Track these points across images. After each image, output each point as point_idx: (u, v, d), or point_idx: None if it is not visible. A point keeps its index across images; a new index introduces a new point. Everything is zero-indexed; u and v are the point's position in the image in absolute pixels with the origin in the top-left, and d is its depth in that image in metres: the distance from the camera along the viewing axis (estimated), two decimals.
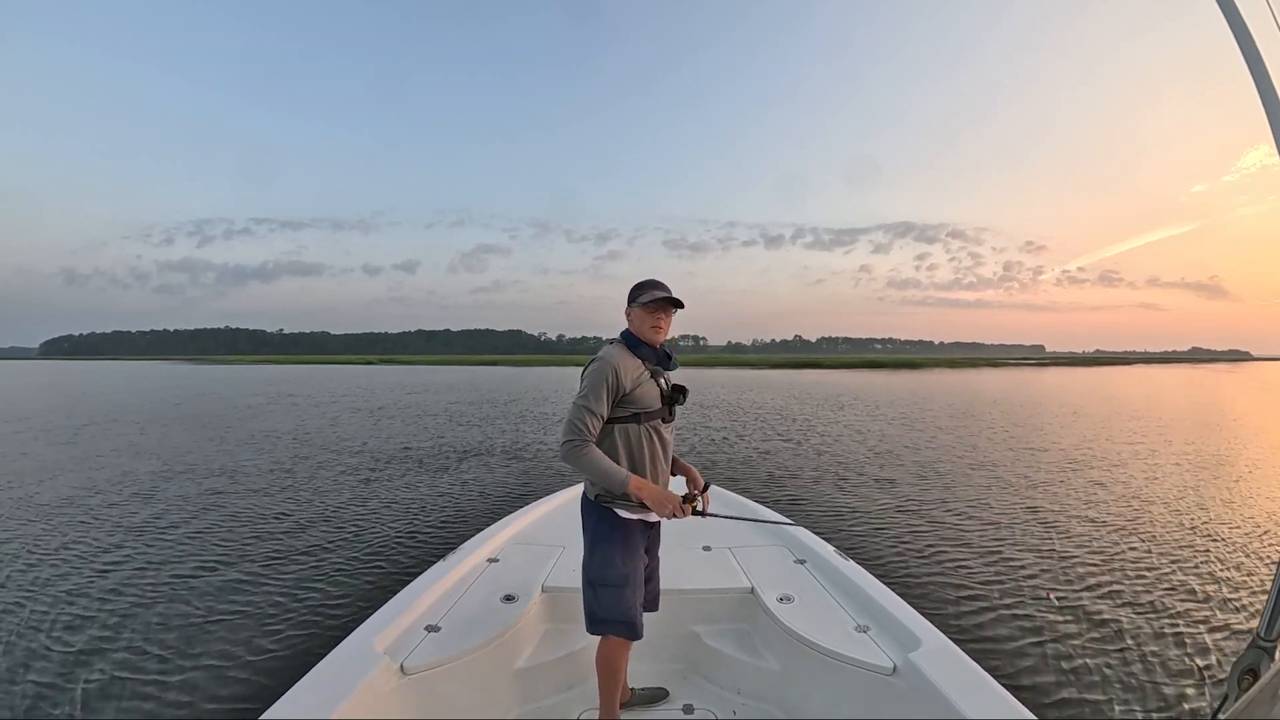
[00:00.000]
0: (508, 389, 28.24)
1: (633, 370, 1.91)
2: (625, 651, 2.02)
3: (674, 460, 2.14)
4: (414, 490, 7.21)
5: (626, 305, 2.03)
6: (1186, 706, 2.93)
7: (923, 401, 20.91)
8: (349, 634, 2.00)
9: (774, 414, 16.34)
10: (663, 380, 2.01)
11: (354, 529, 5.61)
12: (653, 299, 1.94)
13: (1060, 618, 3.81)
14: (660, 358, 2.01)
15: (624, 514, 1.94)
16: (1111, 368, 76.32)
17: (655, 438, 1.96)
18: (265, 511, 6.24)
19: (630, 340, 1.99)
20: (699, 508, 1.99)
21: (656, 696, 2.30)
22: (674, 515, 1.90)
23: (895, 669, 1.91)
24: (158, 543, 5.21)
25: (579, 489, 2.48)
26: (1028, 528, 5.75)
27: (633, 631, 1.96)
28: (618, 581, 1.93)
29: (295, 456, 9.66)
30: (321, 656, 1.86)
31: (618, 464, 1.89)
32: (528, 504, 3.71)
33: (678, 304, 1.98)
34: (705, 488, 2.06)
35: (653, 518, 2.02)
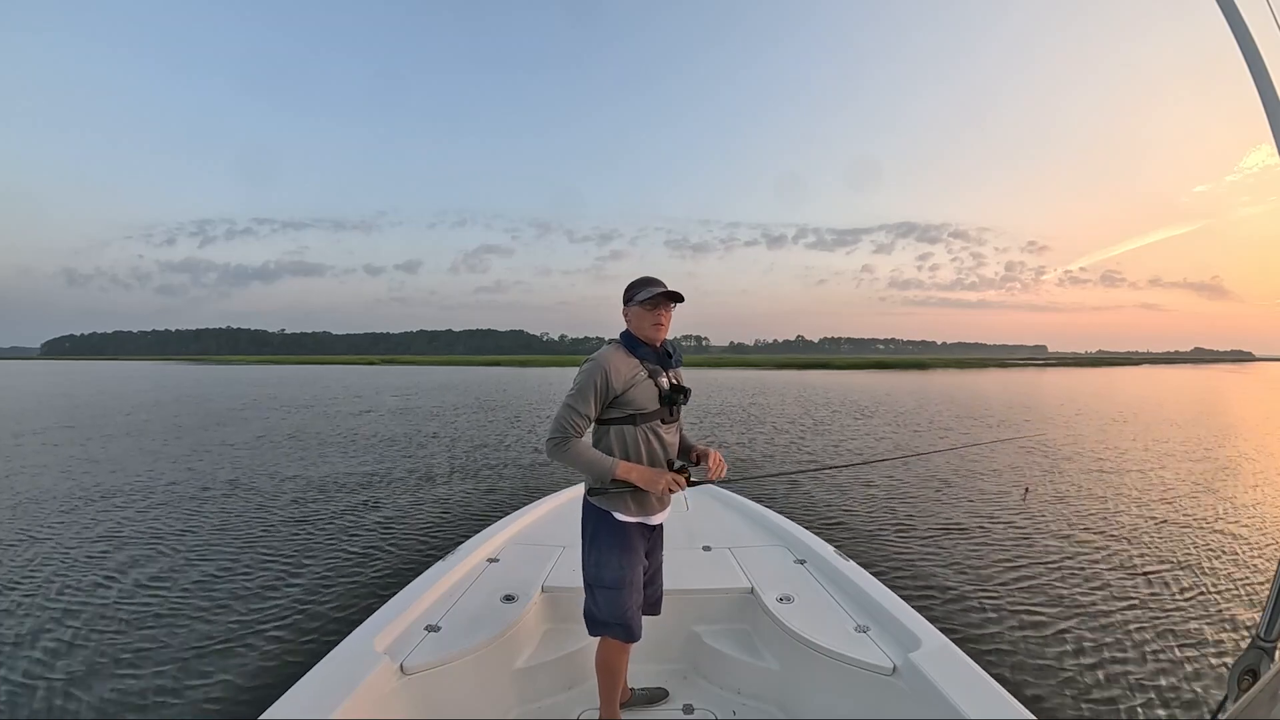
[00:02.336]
0: (508, 389, 28.25)
1: (626, 372, 1.88)
2: (624, 653, 2.02)
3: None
4: (414, 490, 7.22)
5: (623, 306, 2.00)
6: (1186, 707, 2.92)
7: (954, 406, 19.47)
8: (349, 634, 2.00)
9: (792, 425, 13.95)
10: (663, 380, 1.96)
11: (354, 529, 5.62)
12: (650, 295, 1.90)
13: (1061, 618, 3.81)
14: (660, 356, 1.97)
15: (622, 517, 1.93)
16: (1116, 369, 76.01)
17: (654, 438, 1.94)
18: (265, 511, 6.25)
19: (629, 341, 1.96)
20: (694, 478, 1.96)
21: (656, 696, 2.30)
22: (670, 489, 1.90)
23: (895, 669, 1.91)
24: (157, 543, 5.22)
25: (579, 489, 2.48)
26: (1028, 528, 5.74)
27: (629, 634, 1.95)
28: (614, 584, 1.92)
29: (295, 457, 9.67)
30: (321, 656, 1.86)
31: None
32: (528, 504, 3.71)
33: (677, 298, 1.93)
34: (702, 458, 2.02)
35: (654, 520, 2.01)
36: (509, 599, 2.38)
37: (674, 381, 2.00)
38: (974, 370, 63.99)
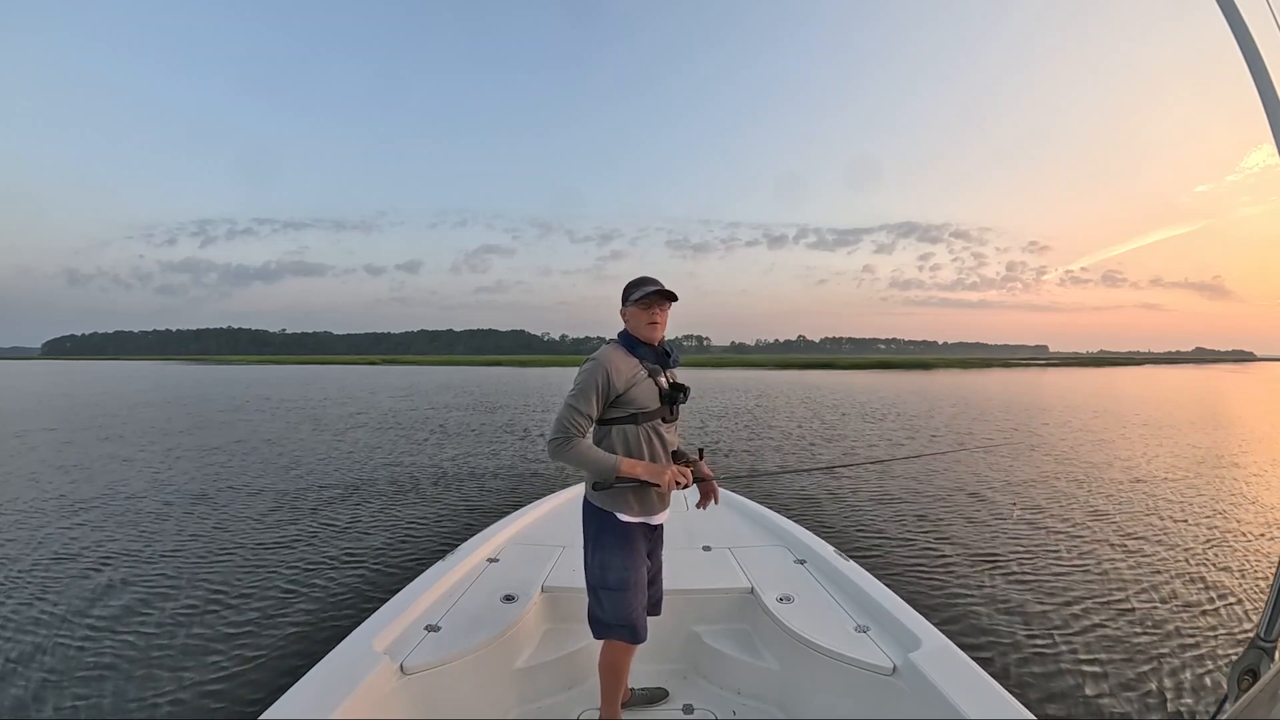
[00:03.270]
0: (508, 389, 28.26)
1: (627, 371, 1.89)
2: (629, 655, 2.02)
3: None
4: (414, 490, 7.22)
5: (621, 306, 2.01)
6: (1186, 706, 2.92)
7: (968, 409, 18.31)
8: (349, 634, 2.00)
9: (802, 430, 13.01)
10: (662, 379, 1.97)
11: (354, 529, 5.62)
12: (645, 294, 1.92)
13: (1061, 618, 3.81)
14: (659, 356, 1.99)
15: (624, 518, 1.93)
16: (1118, 369, 75.78)
17: (655, 437, 1.95)
18: (264, 511, 6.25)
19: (628, 340, 1.97)
20: (700, 474, 2.00)
21: (656, 696, 2.30)
22: (676, 483, 1.90)
23: (895, 669, 1.91)
24: (156, 543, 5.22)
25: (579, 489, 2.47)
26: (1028, 527, 5.74)
27: (635, 635, 1.95)
28: (619, 585, 1.92)
29: (295, 457, 9.68)
30: (321, 656, 1.86)
31: None
32: (528, 504, 3.71)
33: (671, 296, 1.95)
34: (700, 456, 2.09)
35: (655, 520, 2.01)
36: (509, 599, 2.38)
37: (672, 380, 2.02)
38: (978, 370, 63.91)
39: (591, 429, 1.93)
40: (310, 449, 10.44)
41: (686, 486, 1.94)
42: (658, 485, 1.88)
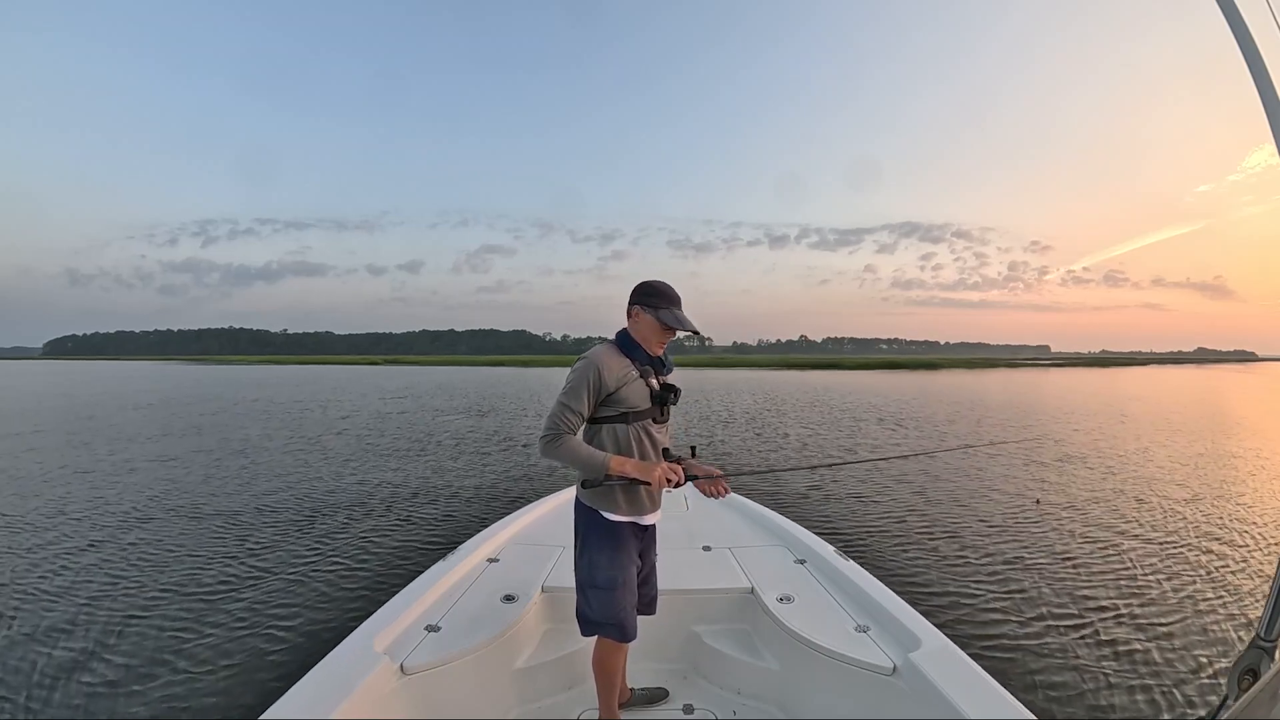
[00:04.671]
0: (508, 389, 28.27)
1: (619, 370, 1.89)
2: (619, 653, 2.01)
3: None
4: (414, 490, 7.23)
5: (634, 303, 1.96)
6: (1187, 706, 2.92)
7: (995, 412, 17.14)
8: (349, 634, 2.00)
9: (820, 439, 11.78)
10: (653, 380, 1.97)
11: (354, 529, 5.63)
12: (673, 320, 1.90)
13: (1060, 617, 3.80)
14: (654, 361, 1.98)
15: (612, 516, 1.93)
16: (1122, 369, 75.47)
17: (646, 437, 1.94)
18: (264, 511, 6.26)
19: (625, 341, 1.96)
20: (692, 473, 1.96)
21: (656, 696, 2.30)
22: (668, 479, 1.85)
23: (895, 669, 1.90)
24: (156, 543, 5.23)
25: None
26: (1029, 527, 5.73)
27: (623, 634, 1.94)
28: (606, 584, 1.91)
29: (294, 457, 9.69)
30: (321, 656, 1.86)
31: None
32: (528, 504, 3.71)
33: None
34: (694, 454, 2.08)
35: (645, 520, 2.00)
36: (509, 599, 2.38)
37: (663, 381, 2.01)
38: (984, 370, 63.75)
39: (583, 427, 1.92)
40: (311, 449, 10.45)
41: (678, 485, 1.90)
42: (648, 483, 1.86)
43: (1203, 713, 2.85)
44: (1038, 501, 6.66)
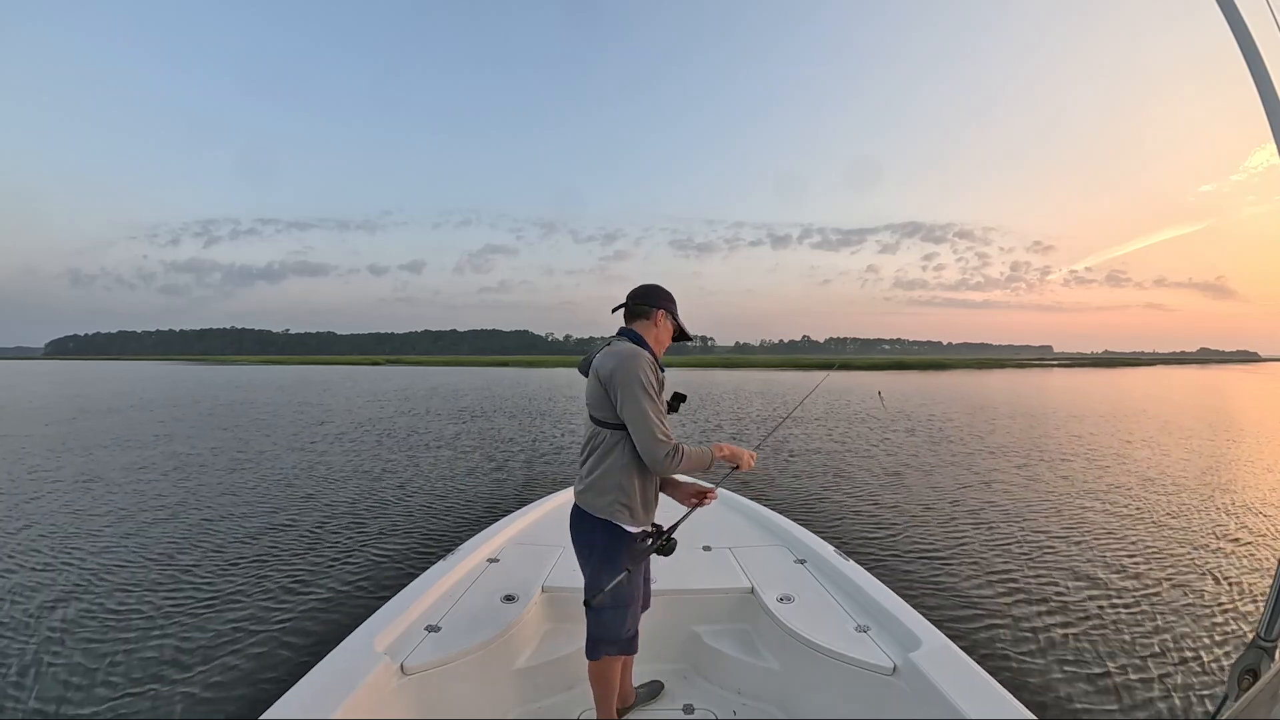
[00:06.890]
0: (508, 389, 28.27)
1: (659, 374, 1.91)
2: (618, 665, 2.03)
3: None
4: (413, 490, 7.23)
5: (658, 307, 1.94)
6: (1187, 706, 2.91)
7: (1036, 421, 14.57)
8: (349, 634, 2.00)
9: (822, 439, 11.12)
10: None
11: (354, 529, 5.63)
12: (683, 330, 2.01)
13: (1061, 618, 3.80)
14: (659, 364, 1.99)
15: (632, 528, 1.88)
16: (1128, 369, 75.03)
17: None
18: (264, 511, 6.27)
19: (643, 344, 1.91)
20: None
21: (654, 691, 2.31)
22: (748, 466, 1.98)
23: (895, 669, 1.90)
24: (157, 543, 5.24)
25: None
26: (1029, 528, 5.72)
27: (632, 648, 1.98)
28: (628, 600, 1.91)
29: (295, 458, 9.70)
30: (321, 656, 1.86)
31: (630, 473, 1.82)
32: (528, 504, 3.71)
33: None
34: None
35: (649, 528, 1.98)
36: (509, 599, 2.38)
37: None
38: (992, 371, 63.54)
39: (592, 432, 1.88)
40: (311, 449, 10.46)
41: (708, 501, 2.05)
42: (738, 466, 1.96)
43: (1202, 713, 2.84)
44: (880, 393, 6.48)
